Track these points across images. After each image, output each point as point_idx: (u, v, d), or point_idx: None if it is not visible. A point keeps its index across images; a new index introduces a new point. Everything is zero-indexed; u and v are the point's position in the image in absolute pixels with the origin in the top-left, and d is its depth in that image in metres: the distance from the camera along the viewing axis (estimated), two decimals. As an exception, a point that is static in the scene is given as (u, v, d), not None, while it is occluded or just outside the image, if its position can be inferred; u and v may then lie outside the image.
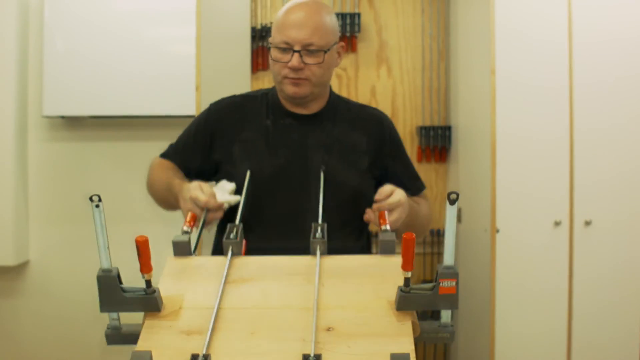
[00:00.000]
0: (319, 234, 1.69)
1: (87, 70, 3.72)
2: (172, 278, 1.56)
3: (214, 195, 1.82)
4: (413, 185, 2.16)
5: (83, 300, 3.74)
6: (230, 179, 2.00)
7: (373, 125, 2.13)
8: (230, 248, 1.65)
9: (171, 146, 2.24)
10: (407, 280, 1.42)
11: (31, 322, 3.95)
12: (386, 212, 1.79)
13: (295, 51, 1.95)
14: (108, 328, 1.50)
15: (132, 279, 1.77)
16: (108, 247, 1.42)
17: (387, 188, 1.85)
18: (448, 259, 1.43)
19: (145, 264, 1.40)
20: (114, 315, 1.49)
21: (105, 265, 1.41)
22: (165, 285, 1.52)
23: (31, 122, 3.93)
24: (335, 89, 4.07)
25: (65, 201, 3.95)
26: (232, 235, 1.67)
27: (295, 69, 1.97)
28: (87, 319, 3.82)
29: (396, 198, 1.82)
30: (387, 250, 1.66)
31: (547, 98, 3.37)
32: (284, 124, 2.08)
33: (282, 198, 1.99)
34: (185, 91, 3.44)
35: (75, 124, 3.94)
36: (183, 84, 3.54)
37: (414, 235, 1.37)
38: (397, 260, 1.50)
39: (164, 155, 2.22)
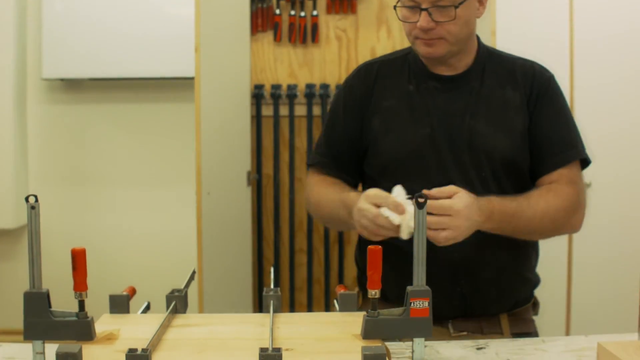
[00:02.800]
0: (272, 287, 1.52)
1: (87, 32, 3.71)
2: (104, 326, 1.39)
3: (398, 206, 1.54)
4: (560, 153, 1.87)
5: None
6: (373, 156, 1.85)
7: (522, 78, 1.86)
8: (174, 303, 1.47)
9: (317, 149, 1.98)
10: (374, 302, 1.26)
11: (32, 284, 3.97)
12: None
13: (422, 9, 1.69)
14: None
15: (133, 247, 1.74)
16: (40, 261, 1.23)
17: (449, 189, 1.58)
18: (418, 278, 1.23)
19: (80, 281, 1.22)
20: (39, 347, 1.24)
21: (36, 283, 1.22)
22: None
23: (30, 85, 3.92)
24: (335, 51, 4.06)
25: (65, 164, 3.96)
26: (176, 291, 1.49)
27: (425, 30, 1.72)
28: (88, 282, 3.84)
29: (449, 205, 1.55)
30: (348, 305, 1.50)
31: (548, 52, 3.35)
32: (427, 87, 1.84)
33: (429, 172, 1.78)
34: (185, 53, 3.40)
35: (74, 87, 3.93)
36: (182, 46, 3.50)
37: (380, 247, 1.23)
38: (359, 316, 1.35)
39: (318, 164, 1.96)
